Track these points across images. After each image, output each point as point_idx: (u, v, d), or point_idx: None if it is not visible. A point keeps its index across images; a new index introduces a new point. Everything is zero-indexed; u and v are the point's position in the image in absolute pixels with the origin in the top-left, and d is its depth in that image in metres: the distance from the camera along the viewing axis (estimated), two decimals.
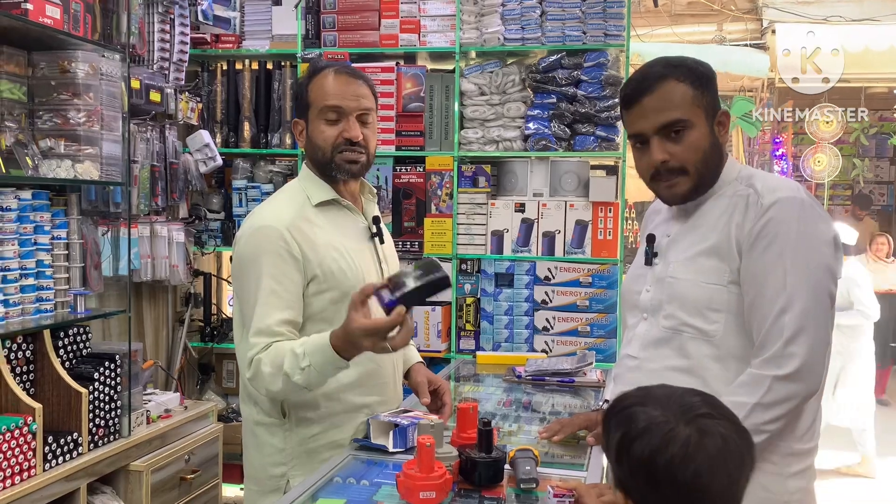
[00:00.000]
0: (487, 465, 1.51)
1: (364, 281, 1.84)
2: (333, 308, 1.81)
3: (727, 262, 1.51)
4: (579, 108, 3.06)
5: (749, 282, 1.48)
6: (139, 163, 2.86)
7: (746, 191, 1.53)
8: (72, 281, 2.43)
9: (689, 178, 1.54)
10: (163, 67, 2.99)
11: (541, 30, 3.08)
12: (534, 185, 3.16)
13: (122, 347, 2.48)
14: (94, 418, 2.30)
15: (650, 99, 1.52)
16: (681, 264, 1.56)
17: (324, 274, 1.79)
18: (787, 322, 1.42)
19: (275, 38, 3.35)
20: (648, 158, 1.55)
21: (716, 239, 1.52)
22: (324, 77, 1.84)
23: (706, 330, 1.52)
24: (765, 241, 1.46)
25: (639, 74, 1.57)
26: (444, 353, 3.15)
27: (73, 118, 2.33)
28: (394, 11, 3.21)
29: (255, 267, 1.75)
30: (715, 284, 1.51)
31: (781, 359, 1.42)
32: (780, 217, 1.46)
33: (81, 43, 2.34)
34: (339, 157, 1.82)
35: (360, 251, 1.89)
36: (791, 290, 1.43)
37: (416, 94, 3.20)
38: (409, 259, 3.19)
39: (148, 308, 3.20)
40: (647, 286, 1.64)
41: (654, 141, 1.52)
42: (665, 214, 1.71)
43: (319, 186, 1.87)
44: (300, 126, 1.89)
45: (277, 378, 1.69)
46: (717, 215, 1.55)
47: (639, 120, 1.54)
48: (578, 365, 2.54)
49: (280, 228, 1.76)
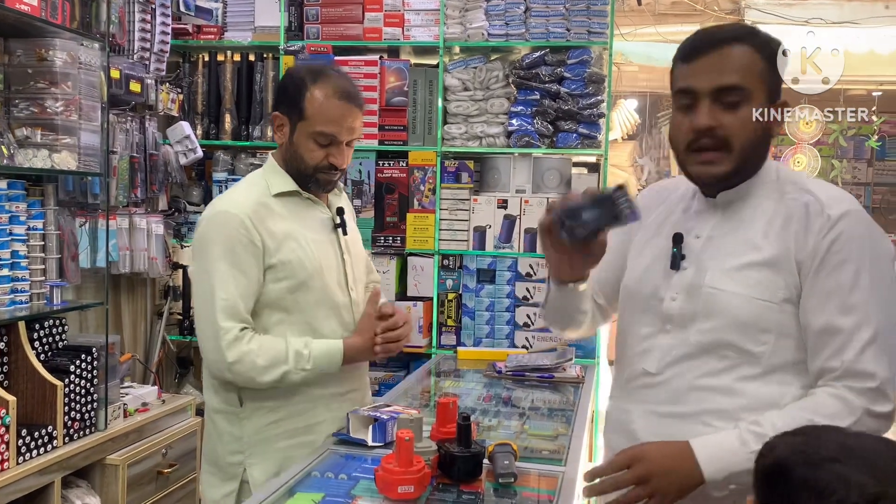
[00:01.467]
0: (466, 459, 1.52)
1: (322, 271, 1.87)
2: (291, 297, 1.85)
3: (783, 276, 1.32)
4: (562, 106, 3.06)
5: (820, 302, 1.30)
6: (118, 154, 2.83)
7: (804, 197, 1.34)
8: (48, 272, 2.40)
9: (731, 157, 1.34)
10: (143, 58, 2.96)
11: (525, 26, 3.08)
12: (516, 182, 3.16)
13: (99, 340, 2.45)
14: (69, 411, 2.27)
15: (716, 56, 1.33)
16: (724, 274, 1.35)
17: (281, 263, 1.82)
18: (877, 351, 1.26)
19: (257, 29, 3.32)
20: (691, 122, 1.34)
21: (770, 249, 1.33)
22: (327, 95, 1.83)
23: (752, 351, 1.33)
24: (837, 258, 1.29)
25: (710, 29, 1.41)
26: (426, 349, 3.15)
27: (51, 107, 2.30)
28: (378, 5, 3.19)
29: (216, 251, 1.78)
30: (767, 301, 1.32)
31: (878, 394, 1.26)
32: (852, 232, 1.29)
33: (59, 31, 2.30)
34: (320, 175, 1.88)
35: (321, 241, 1.90)
36: (874, 313, 1.28)
37: (399, 89, 3.19)
38: (391, 255, 3.18)
39: (126, 301, 3.16)
40: (672, 293, 1.41)
41: (705, 103, 1.33)
42: (688, 205, 1.48)
43: (282, 178, 1.89)
44: (282, 122, 1.88)
45: (272, 372, 1.77)
46: (766, 219, 1.36)
47: (695, 75, 1.34)
48: (558, 361, 2.56)
49: (241, 215, 1.79)
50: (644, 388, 1.42)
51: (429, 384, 2.62)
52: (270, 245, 1.81)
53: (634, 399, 1.44)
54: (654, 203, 1.54)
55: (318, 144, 1.84)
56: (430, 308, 3.17)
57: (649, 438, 1.35)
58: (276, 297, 1.83)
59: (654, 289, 1.44)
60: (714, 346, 1.35)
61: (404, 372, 3.16)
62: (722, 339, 1.34)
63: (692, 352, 1.37)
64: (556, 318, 1.61)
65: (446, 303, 3.17)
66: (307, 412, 1.86)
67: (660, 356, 1.40)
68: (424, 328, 3.14)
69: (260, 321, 1.83)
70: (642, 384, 1.43)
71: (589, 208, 1.32)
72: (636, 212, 1.32)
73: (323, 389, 1.88)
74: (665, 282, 1.43)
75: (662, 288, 1.42)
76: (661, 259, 1.45)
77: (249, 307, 1.81)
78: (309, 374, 1.80)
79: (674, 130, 1.40)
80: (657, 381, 1.40)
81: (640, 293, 1.47)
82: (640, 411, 1.42)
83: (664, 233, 1.47)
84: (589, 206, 1.32)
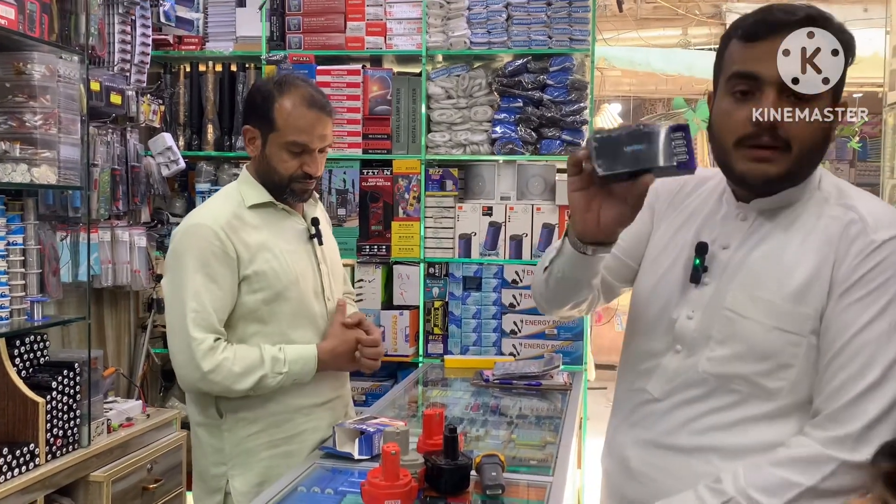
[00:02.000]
0: (453, 471, 1.50)
1: (298, 282, 1.88)
2: (267, 308, 1.85)
3: (813, 305, 1.16)
4: (545, 112, 3.07)
5: (834, 333, 1.14)
6: (99, 166, 2.80)
7: (847, 214, 1.18)
8: (28, 288, 2.37)
9: (788, 158, 1.17)
10: (124, 69, 2.94)
11: (507, 34, 3.08)
12: (501, 189, 3.16)
13: (82, 355, 2.42)
14: (51, 428, 2.24)
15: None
16: (749, 298, 1.19)
17: (256, 274, 1.83)
18: (876, 398, 1.09)
19: (239, 39, 3.31)
20: (748, 111, 1.16)
21: (803, 273, 1.17)
22: (296, 105, 1.84)
23: (768, 388, 1.17)
24: (865, 289, 1.13)
25: (779, 7, 1.19)
26: (412, 358, 3.14)
27: (29, 121, 2.27)
28: (360, 14, 3.19)
29: (191, 263, 1.78)
30: (794, 334, 1.16)
31: (859, 442, 1.08)
32: (893, 262, 1.13)
33: (38, 44, 2.28)
34: (295, 185, 1.89)
35: (296, 252, 1.91)
36: (890, 356, 1.11)
37: (382, 98, 3.18)
38: (376, 263, 3.17)
39: (109, 314, 3.13)
40: (688, 310, 1.25)
41: (772, 92, 1.15)
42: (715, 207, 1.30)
43: (257, 189, 1.90)
44: (253, 135, 1.90)
45: (249, 378, 1.77)
46: (801, 237, 1.19)
47: (762, 59, 1.15)
48: (545, 368, 2.56)
49: (215, 228, 1.80)
50: (643, 412, 1.29)
51: (416, 394, 2.61)
52: (245, 256, 1.82)
53: (631, 422, 1.31)
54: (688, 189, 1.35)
55: (290, 154, 1.86)
56: (416, 316, 3.16)
57: (642, 468, 1.27)
58: (252, 309, 1.84)
59: (667, 302, 1.28)
60: (726, 377, 1.20)
61: (391, 382, 3.15)
62: (736, 370, 1.19)
63: (700, 380, 1.22)
64: (557, 291, 1.34)
65: (433, 311, 3.16)
66: (287, 423, 1.87)
67: (665, 380, 1.26)
68: (411, 337, 3.13)
69: (235, 333, 1.84)
70: (642, 408, 1.29)
71: (634, 142, 1.09)
72: (692, 160, 1.09)
73: (302, 399, 1.89)
74: (682, 296, 1.26)
75: (677, 303, 1.27)
76: (678, 268, 1.29)
77: (223, 319, 1.81)
78: (285, 378, 1.82)
79: (722, 119, 1.20)
80: (658, 407, 1.26)
81: (652, 305, 1.31)
82: (636, 438, 1.29)
83: (687, 235, 1.30)
84: (635, 139, 1.09)
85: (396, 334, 3.10)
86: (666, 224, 1.34)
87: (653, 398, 1.27)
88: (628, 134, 1.10)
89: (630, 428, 1.31)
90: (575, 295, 1.34)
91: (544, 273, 1.34)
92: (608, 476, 1.35)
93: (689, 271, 1.26)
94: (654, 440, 1.26)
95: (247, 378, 1.78)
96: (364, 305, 3.14)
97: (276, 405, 1.86)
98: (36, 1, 2.26)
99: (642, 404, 1.29)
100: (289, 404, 1.88)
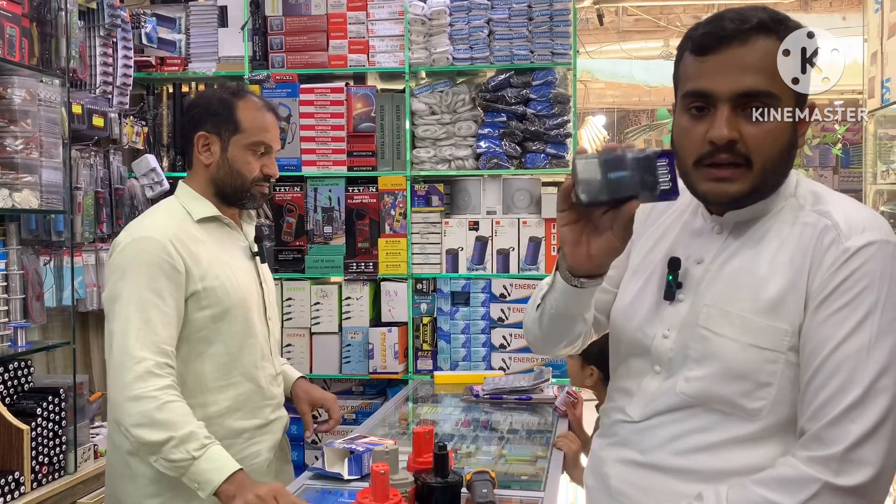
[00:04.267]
0: (444, 489, 1.49)
1: (246, 299, 1.85)
2: (214, 327, 1.78)
3: (789, 320, 1.10)
4: (529, 127, 3.08)
5: (812, 348, 1.08)
6: (83, 189, 2.78)
7: (820, 221, 1.12)
8: (11, 313, 2.35)
9: (750, 175, 1.11)
10: (106, 91, 2.93)
11: (489, 49, 3.10)
12: (487, 203, 3.17)
13: (67, 380, 2.40)
14: (37, 455, 2.21)
15: (740, 51, 1.09)
16: (722, 315, 1.14)
17: (205, 290, 1.77)
18: (859, 417, 1.03)
19: (221, 59, 3.31)
20: (704, 130, 1.11)
21: (777, 286, 1.11)
22: (257, 108, 1.90)
23: (749, 408, 1.12)
24: (841, 300, 1.07)
25: (728, 14, 1.12)
26: (402, 374, 3.12)
27: (10, 145, 2.26)
28: (342, 32, 3.20)
29: (136, 278, 1.68)
30: (771, 351, 1.10)
31: (844, 463, 1.02)
32: (868, 269, 1.06)
33: (17, 68, 2.27)
34: (255, 188, 1.90)
35: (243, 269, 1.90)
36: (872, 372, 1.04)
37: (366, 115, 3.18)
38: (363, 281, 3.16)
39: (95, 338, 3.10)
40: (664, 329, 1.20)
41: (724, 110, 1.09)
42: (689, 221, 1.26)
43: (202, 203, 1.87)
44: (209, 140, 1.86)
45: (159, 431, 1.57)
46: (775, 247, 1.14)
47: (714, 74, 1.10)
48: (535, 382, 2.55)
49: (163, 241, 1.72)
50: (623, 431, 1.25)
51: (406, 411, 2.59)
52: (194, 271, 1.75)
53: (611, 440, 1.28)
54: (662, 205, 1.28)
55: (254, 155, 1.88)
56: (405, 333, 3.15)
57: (622, 487, 1.23)
58: (198, 328, 1.77)
59: (642, 321, 1.23)
60: (704, 398, 1.14)
61: (381, 399, 3.13)
62: (714, 391, 1.13)
63: (680, 402, 1.16)
64: (552, 328, 1.31)
65: (421, 327, 3.15)
66: (229, 448, 1.67)
67: (644, 402, 1.21)
68: (400, 354, 3.11)
69: (179, 355, 1.73)
70: (623, 426, 1.25)
71: (617, 169, 1.07)
72: (676, 188, 1.06)
73: (244, 422, 1.83)
74: (656, 314, 1.21)
75: (652, 321, 1.22)
76: (653, 285, 1.24)
77: (172, 337, 1.69)
78: (183, 463, 1.56)
79: (681, 139, 1.15)
80: (638, 428, 1.22)
81: (628, 323, 1.26)
82: (617, 456, 1.25)
83: (661, 250, 1.26)
84: (618, 166, 1.07)
85: (385, 351, 3.09)
86: (643, 240, 1.30)
87: (632, 421, 1.23)
88: (611, 160, 1.07)
89: (611, 446, 1.27)
90: (569, 331, 1.31)
91: (537, 311, 1.32)
92: (589, 493, 1.32)
93: (663, 288, 1.21)
94: (634, 459, 1.22)
95: (158, 430, 1.56)
96: (352, 323, 3.13)
97: (218, 429, 1.73)
98: (15, 25, 2.25)
99: (623, 423, 1.25)
100: (231, 428, 1.80)
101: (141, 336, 1.63)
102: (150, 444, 1.58)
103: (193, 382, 1.78)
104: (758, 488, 1.06)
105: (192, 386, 1.77)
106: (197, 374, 1.79)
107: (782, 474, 1.06)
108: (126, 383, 1.60)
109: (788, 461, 1.07)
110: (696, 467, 1.15)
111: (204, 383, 1.79)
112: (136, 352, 1.62)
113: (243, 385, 1.83)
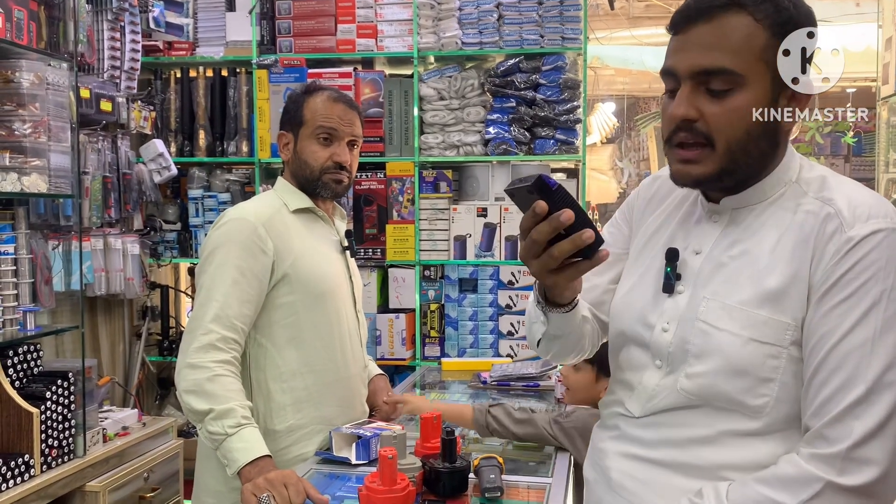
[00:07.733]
0: (451, 474, 1.48)
1: (335, 290, 1.88)
2: (306, 314, 1.81)
3: (791, 313, 1.05)
4: (538, 112, 3.06)
5: (815, 342, 1.04)
6: (90, 174, 2.79)
7: (822, 208, 1.07)
8: (21, 297, 2.35)
9: (714, 156, 1.07)
10: (114, 76, 2.92)
11: (498, 34, 3.07)
12: (495, 190, 3.15)
13: (76, 364, 2.40)
14: (46, 439, 2.22)
15: (703, 29, 1.06)
16: (722, 308, 1.09)
17: (296, 274, 1.80)
18: (863, 414, 0.99)
19: (229, 44, 3.30)
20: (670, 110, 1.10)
21: (778, 277, 1.06)
22: (322, 99, 1.91)
23: (751, 405, 1.07)
24: (844, 292, 1.02)
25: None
26: (409, 361, 3.12)
27: (19, 129, 2.26)
28: (350, 16, 3.18)
29: (223, 255, 1.75)
30: (772, 345, 1.06)
31: (847, 462, 0.98)
32: (873, 259, 1.01)
33: (26, 52, 2.26)
34: (326, 176, 1.89)
35: (334, 260, 1.92)
36: (877, 367, 0.99)
37: (374, 100, 3.17)
38: (371, 267, 3.15)
39: (103, 323, 3.11)
40: (664, 322, 1.15)
41: (685, 88, 1.07)
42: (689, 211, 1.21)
43: (297, 195, 1.91)
44: (286, 139, 1.93)
45: (204, 401, 1.61)
46: (776, 236, 1.09)
47: (676, 53, 1.09)
48: (543, 369, 2.54)
49: (255, 223, 1.78)
50: (624, 424, 1.21)
51: None
52: (285, 255, 1.79)
53: (612, 433, 1.24)
54: (662, 193, 1.25)
55: (320, 144, 1.88)
56: (412, 319, 3.15)
57: (622, 480, 1.20)
58: (289, 312, 1.80)
59: (640, 314, 1.19)
60: (706, 396, 1.10)
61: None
62: (715, 388, 1.09)
63: (682, 402, 1.12)
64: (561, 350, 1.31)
65: (429, 314, 3.14)
66: (316, 435, 1.80)
67: (645, 399, 1.17)
68: (408, 340, 3.11)
69: (271, 339, 1.79)
70: (623, 419, 1.22)
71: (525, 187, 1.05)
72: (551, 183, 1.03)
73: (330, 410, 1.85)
74: (655, 307, 1.17)
75: (651, 314, 1.17)
76: (651, 276, 1.20)
77: (249, 316, 1.74)
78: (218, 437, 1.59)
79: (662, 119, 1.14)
80: (638, 423, 1.18)
81: (626, 315, 1.23)
82: (617, 449, 1.22)
83: (659, 241, 1.22)
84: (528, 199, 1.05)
85: (393, 338, 3.09)
86: (642, 231, 1.27)
87: (631, 416, 1.20)
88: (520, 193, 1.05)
89: (612, 439, 1.24)
90: (576, 344, 1.30)
91: (538, 347, 1.31)
92: (588, 485, 1.30)
93: (661, 280, 1.17)
94: (635, 453, 1.18)
95: (203, 400, 1.62)
96: None
97: (305, 417, 1.80)
98: (23, 8, 2.25)
99: (623, 416, 1.22)
100: (319, 415, 1.83)
101: (215, 308, 1.69)
102: (195, 412, 1.64)
103: (284, 366, 1.81)
104: (759, 486, 1.03)
105: (284, 369, 1.80)
106: (287, 358, 1.81)
107: (785, 472, 1.03)
108: (189, 351, 1.67)
109: (791, 459, 1.04)
110: (697, 462, 1.12)
111: (294, 368, 1.82)
112: (206, 323, 1.68)
113: (330, 373, 1.86)
